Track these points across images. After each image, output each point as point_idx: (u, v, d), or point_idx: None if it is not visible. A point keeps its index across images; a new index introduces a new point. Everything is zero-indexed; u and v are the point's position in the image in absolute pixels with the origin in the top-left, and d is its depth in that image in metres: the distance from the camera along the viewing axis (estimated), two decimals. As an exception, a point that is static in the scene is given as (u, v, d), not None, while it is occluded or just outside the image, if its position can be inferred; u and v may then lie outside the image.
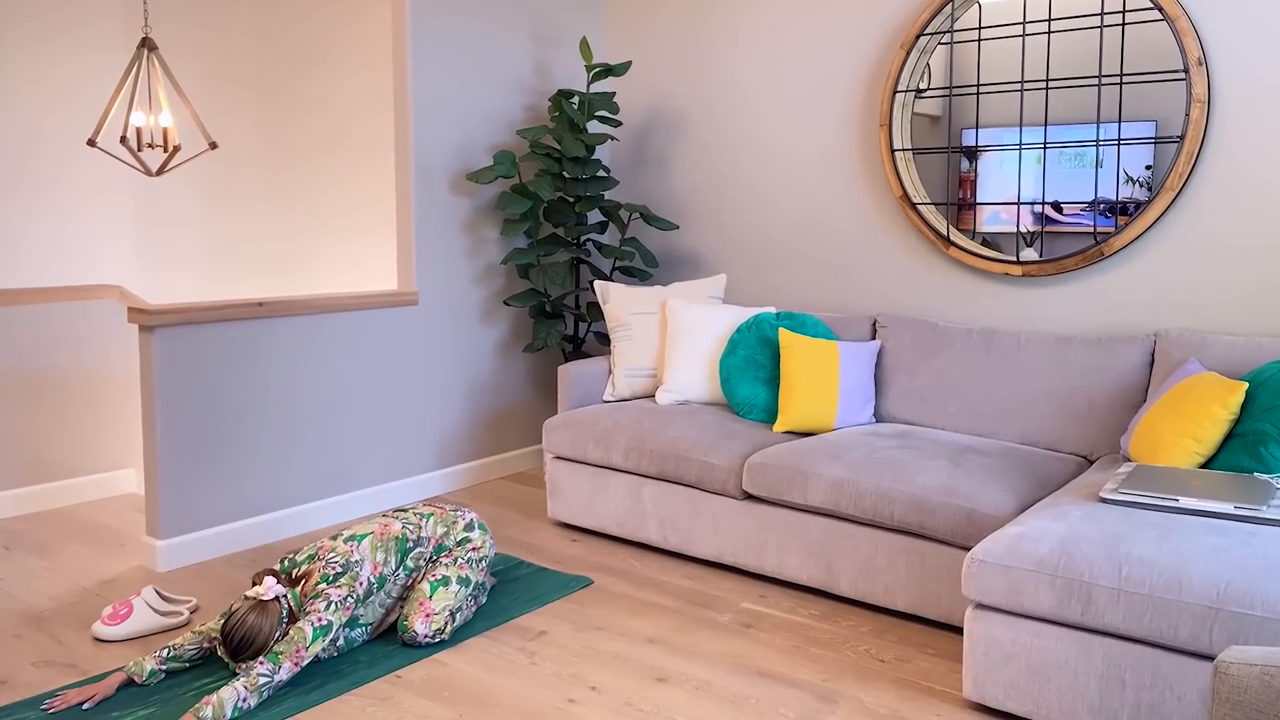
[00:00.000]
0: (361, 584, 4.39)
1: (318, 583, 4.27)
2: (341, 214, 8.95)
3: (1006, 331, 5.62)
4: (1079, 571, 3.62)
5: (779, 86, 6.78)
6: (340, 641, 4.45)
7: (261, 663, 3.99)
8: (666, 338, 6.27)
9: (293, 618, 4.22)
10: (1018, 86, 5.80)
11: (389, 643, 4.58)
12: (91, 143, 6.91)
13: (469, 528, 4.89)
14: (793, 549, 5.14)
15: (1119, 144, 5.51)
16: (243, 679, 3.93)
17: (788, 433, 5.66)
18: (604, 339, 7.24)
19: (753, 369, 5.92)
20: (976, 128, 5.98)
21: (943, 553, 4.66)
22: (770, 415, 5.82)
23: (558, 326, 6.98)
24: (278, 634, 4.09)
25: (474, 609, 4.81)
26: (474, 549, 4.82)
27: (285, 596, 4.21)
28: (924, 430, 5.59)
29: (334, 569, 4.32)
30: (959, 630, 4.72)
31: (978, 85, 5.89)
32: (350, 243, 8.90)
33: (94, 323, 6.83)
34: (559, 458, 6.11)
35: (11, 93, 8.17)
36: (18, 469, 6.51)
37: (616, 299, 6.46)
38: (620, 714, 3.97)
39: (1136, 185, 5.56)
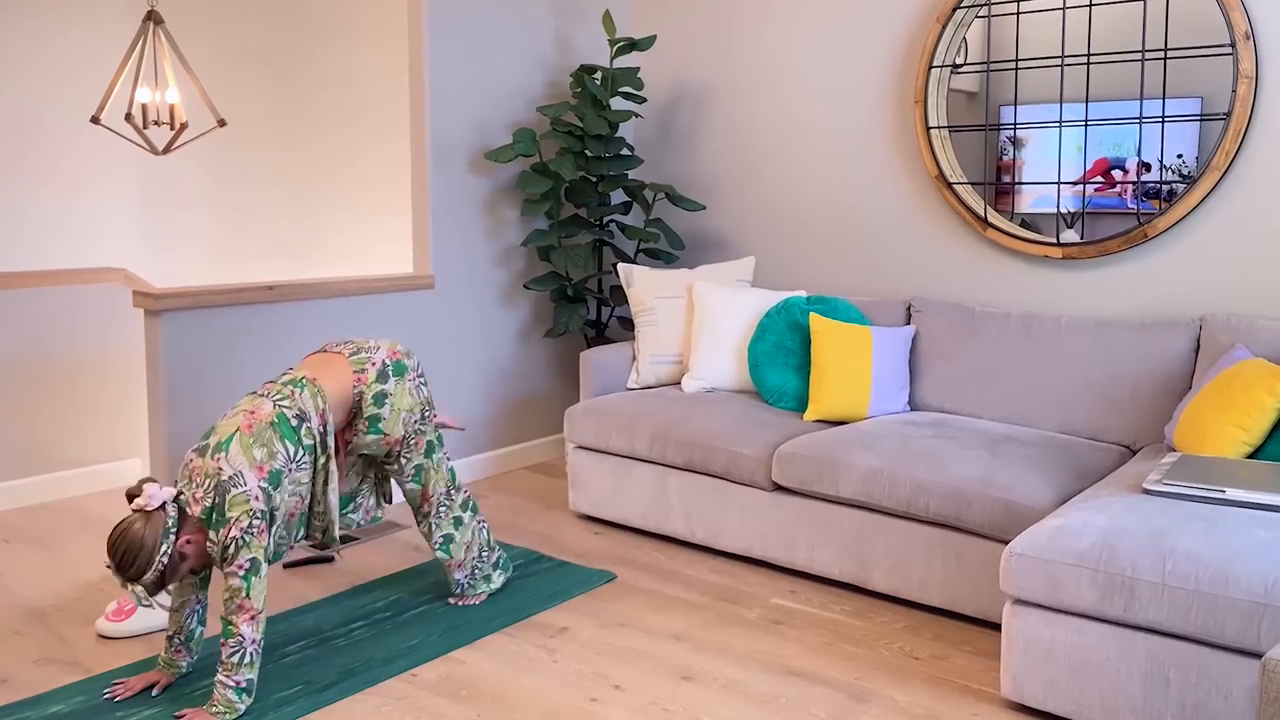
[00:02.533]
0: (255, 497, 4.01)
1: (202, 519, 3.97)
2: (355, 194, 8.97)
3: (1046, 316, 5.62)
4: (1121, 566, 3.63)
5: (810, 61, 6.79)
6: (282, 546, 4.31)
7: (223, 643, 3.90)
8: (693, 323, 6.29)
9: (195, 529, 3.97)
10: (1058, 61, 5.79)
11: (405, 639, 4.60)
12: (95, 120, 6.94)
13: (381, 378, 4.58)
14: (824, 542, 5.16)
15: (1163, 121, 5.50)
16: (220, 671, 3.91)
17: (819, 421, 5.68)
18: (628, 324, 7.25)
19: (782, 355, 5.93)
20: (1015, 104, 5.97)
21: (980, 546, 4.67)
22: (801, 403, 5.84)
23: (580, 311, 7.00)
24: (165, 547, 3.83)
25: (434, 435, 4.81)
26: (407, 412, 4.65)
27: (173, 503, 3.95)
28: (960, 419, 5.59)
29: (207, 497, 3.97)
30: (997, 627, 4.73)
31: (1016, 60, 5.88)
32: (364, 224, 8.92)
33: (98, 307, 6.85)
34: (581, 447, 6.13)
35: (13, 67, 8.22)
36: (18, 460, 6.55)
37: (641, 282, 6.48)
38: (645, 714, 3.99)
39: (1169, 172, 5.54)
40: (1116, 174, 5.74)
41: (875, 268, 6.58)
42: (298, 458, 4.21)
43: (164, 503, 3.92)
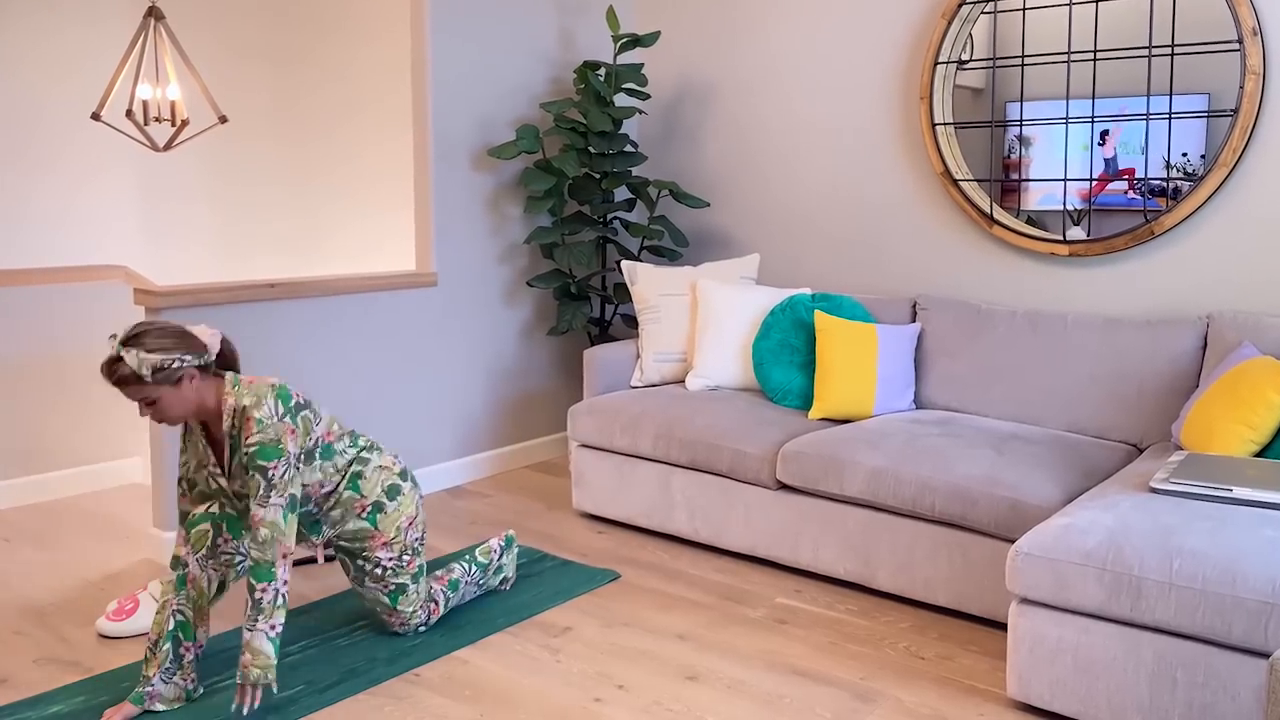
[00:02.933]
0: (308, 434, 4.08)
1: (277, 390, 3.97)
2: (357, 191, 8.98)
3: (1052, 314, 5.62)
4: (1128, 565, 3.64)
5: (815, 58, 6.79)
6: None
7: (259, 587, 3.80)
8: (697, 320, 6.29)
9: (206, 386, 3.93)
10: (1064, 57, 5.80)
11: (407, 639, 4.60)
12: (96, 116, 6.94)
13: (390, 494, 4.45)
14: (829, 541, 5.16)
15: (1170, 117, 5.50)
16: (256, 620, 3.80)
17: (824, 420, 5.68)
18: (631, 322, 7.25)
19: (787, 353, 5.93)
20: (1021, 101, 5.97)
21: (986, 545, 4.67)
22: (805, 401, 5.84)
23: (583, 309, 7.00)
24: (187, 359, 3.78)
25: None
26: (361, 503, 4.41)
27: (215, 353, 3.96)
28: (966, 417, 5.60)
29: (298, 394, 4.03)
30: (1003, 626, 4.74)
31: (1022, 56, 5.89)
32: (366, 221, 8.93)
33: (98, 304, 6.86)
34: (584, 446, 6.13)
35: (12, 63, 8.22)
36: (18, 458, 6.55)
37: (644, 280, 6.48)
38: (649, 714, 3.99)
39: (1174, 170, 5.54)
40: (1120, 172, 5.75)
41: (880, 265, 6.58)
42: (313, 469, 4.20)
43: (209, 346, 3.91)
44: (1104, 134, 5.74)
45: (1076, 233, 5.83)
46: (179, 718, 3.94)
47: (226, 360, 4.09)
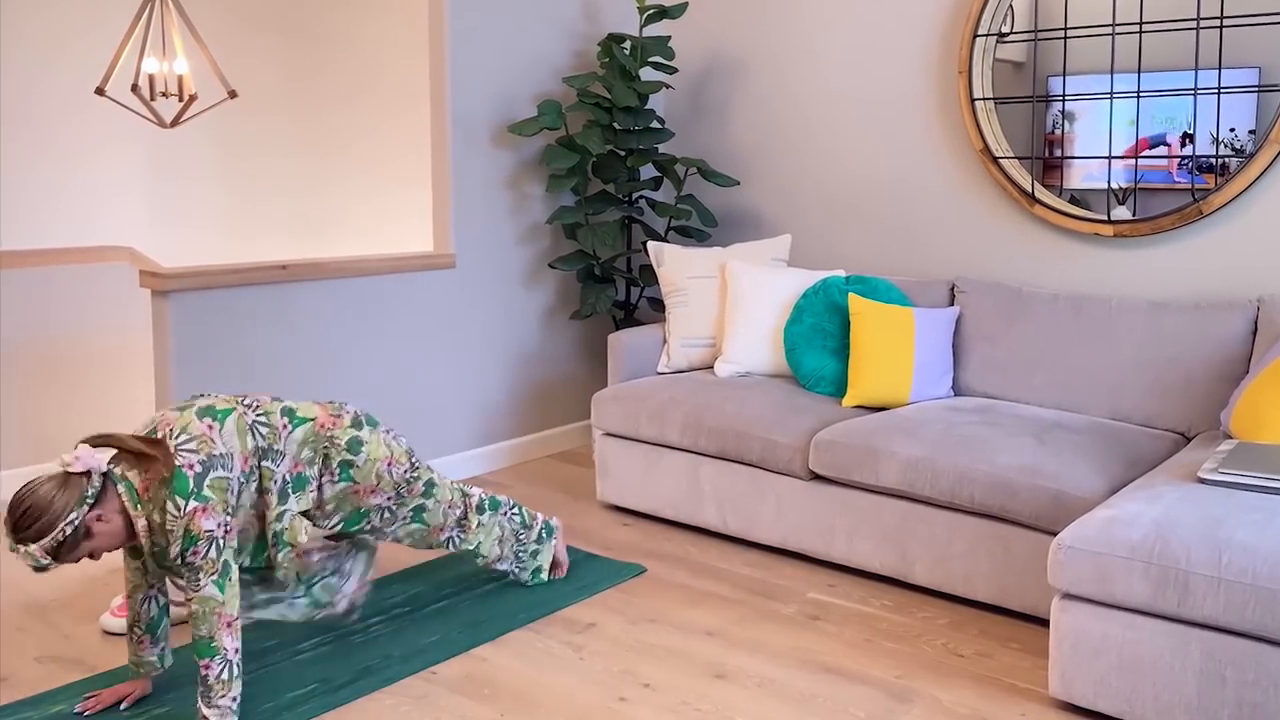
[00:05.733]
0: (234, 491, 3.88)
1: (172, 483, 3.71)
2: (372, 168, 9.00)
3: (1096, 297, 5.62)
4: (1175, 559, 3.65)
5: (848, 30, 6.78)
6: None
7: (205, 664, 3.74)
8: (726, 304, 6.30)
9: (112, 509, 3.71)
10: (1109, 30, 5.79)
11: (424, 635, 4.63)
12: (100, 91, 6.98)
13: (356, 425, 4.31)
14: (863, 534, 5.18)
15: (1219, 92, 5.50)
16: (208, 698, 3.74)
17: (858, 407, 5.69)
18: (658, 305, 7.27)
19: (820, 338, 5.94)
20: (1064, 75, 5.97)
21: (1027, 538, 4.68)
22: (839, 388, 5.85)
23: (608, 292, 7.02)
24: (73, 517, 3.56)
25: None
26: (384, 461, 4.33)
27: (104, 476, 3.69)
28: (1006, 405, 5.60)
29: (192, 465, 3.76)
30: (1044, 623, 4.74)
31: (1065, 29, 5.88)
32: (381, 199, 8.95)
33: (102, 287, 6.88)
34: (609, 434, 6.15)
35: (13, 36, 8.25)
36: (20, 447, 6.59)
37: (672, 262, 6.49)
38: (676, 713, 4.02)
39: (1223, 146, 5.53)
40: (1160, 150, 5.74)
41: (917, 246, 6.59)
42: (251, 480, 4.02)
43: (90, 470, 3.64)
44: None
45: (1121, 212, 5.83)
46: None
47: (131, 449, 3.76)
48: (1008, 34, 6.12)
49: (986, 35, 6.10)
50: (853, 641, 4.59)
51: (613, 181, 7.05)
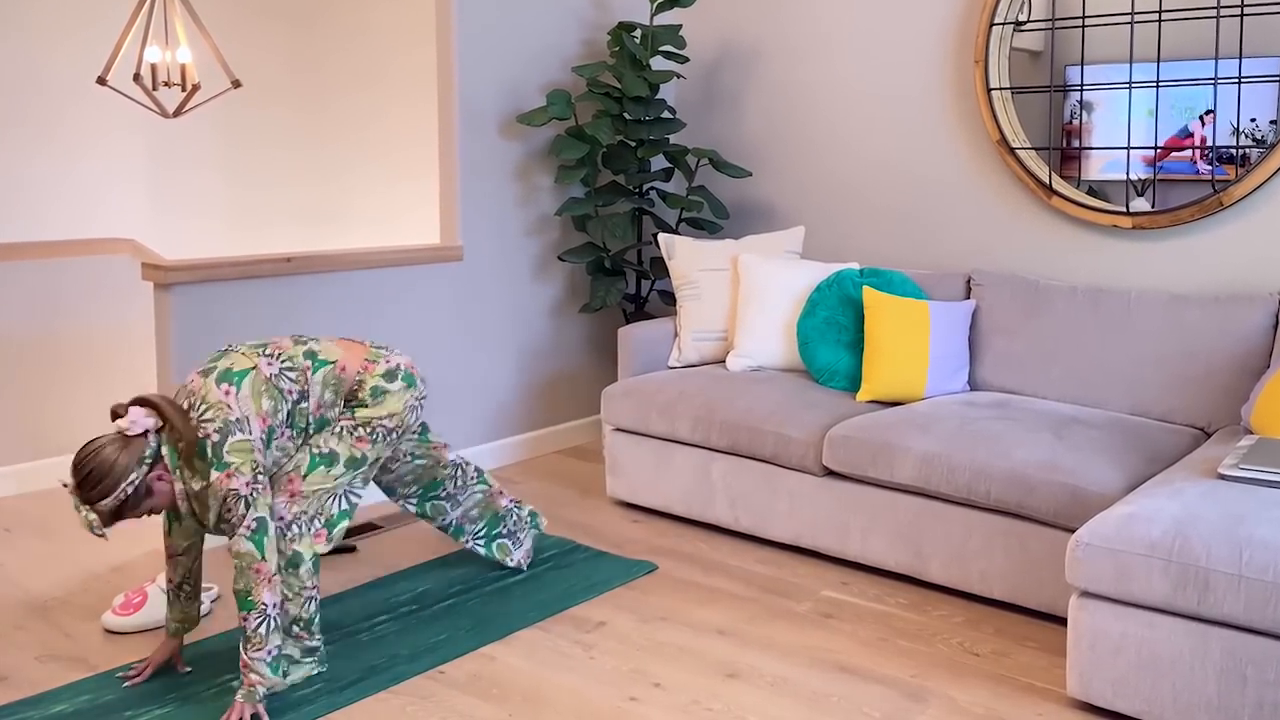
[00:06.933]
0: (258, 450, 4.05)
1: (196, 454, 3.95)
2: (378, 159, 9.01)
3: (1115, 290, 5.62)
4: (1195, 556, 3.65)
5: (863, 18, 6.78)
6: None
7: (243, 618, 3.90)
8: (738, 297, 6.31)
9: (161, 468, 3.95)
10: (1127, 18, 5.78)
11: (432, 634, 4.64)
12: (101, 80, 6.98)
13: (389, 377, 4.47)
14: (878, 531, 5.18)
15: (1239, 82, 5.49)
16: (246, 649, 3.89)
17: (873, 402, 5.69)
18: (669, 298, 7.28)
19: (834, 331, 5.94)
20: (1082, 64, 5.96)
21: (1044, 535, 4.69)
22: (853, 383, 5.85)
23: (618, 284, 7.02)
24: (134, 477, 3.83)
25: (360, 493, 4.50)
26: (386, 417, 4.43)
27: (156, 434, 3.92)
28: (1023, 399, 5.60)
29: (211, 433, 3.95)
30: (1062, 621, 4.75)
31: (1083, 17, 5.87)
32: (387, 191, 8.96)
33: (103, 280, 6.89)
34: (619, 430, 6.16)
35: (13, 23, 8.26)
36: (20, 443, 6.60)
37: (683, 254, 6.50)
38: (687, 713, 4.02)
39: (1243, 136, 5.53)
40: (1187, 140, 5.73)
41: (932, 238, 6.59)
42: (285, 430, 4.22)
43: (147, 431, 3.89)
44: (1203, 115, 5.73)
45: (1140, 204, 5.83)
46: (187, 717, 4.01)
47: (168, 417, 3.97)
48: (1025, 22, 6.12)
49: (1003, 23, 6.10)
50: (867, 640, 4.59)
51: (623, 172, 7.05)
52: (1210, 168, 5.64)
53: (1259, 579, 3.52)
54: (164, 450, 3.94)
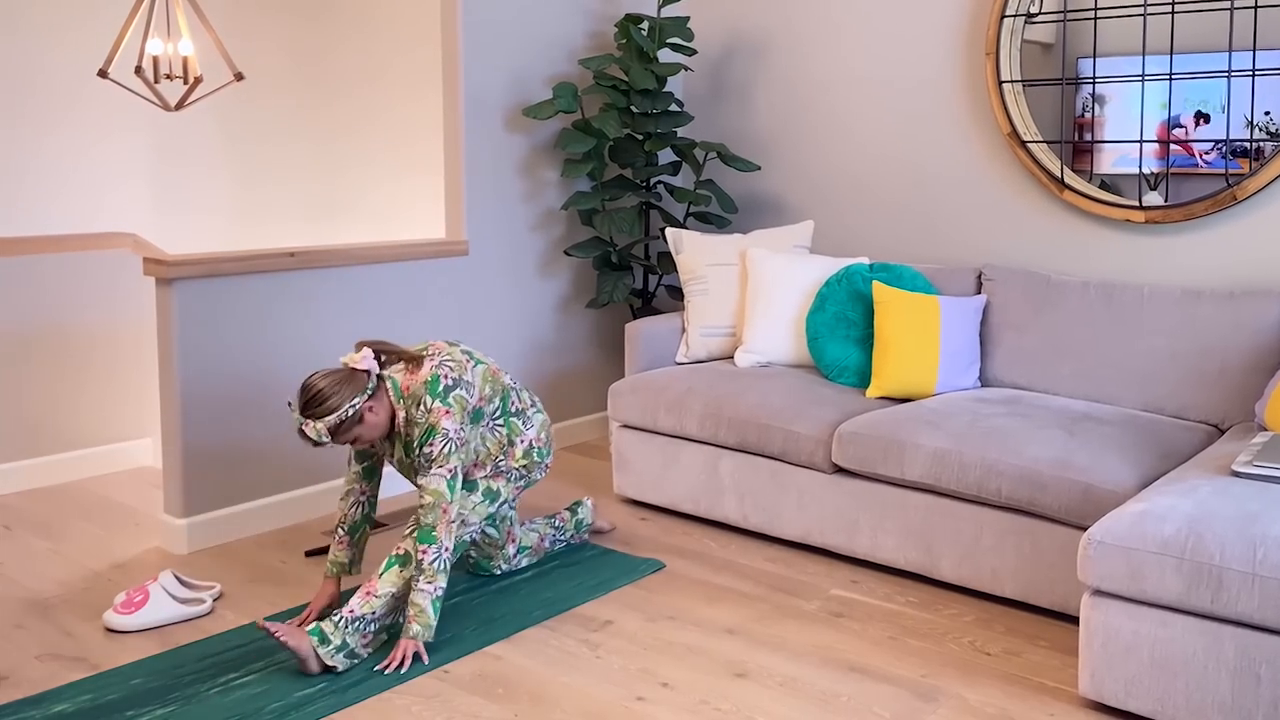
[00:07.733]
0: (467, 414, 4.65)
1: (428, 384, 4.55)
2: (382, 153, 9.00)
3: (1128, 285, 5.61)
4: (1209, 554, 3.65)
5: (873, 10, 6.78)
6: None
7: (423, 551, 4.35)
8: (747, 292, 6.31)
9: (381, 404, 4.52)
10: (1140, 10, 5.78)
11: (437, 634, 4.62)
12: (103, 73, 6.98)
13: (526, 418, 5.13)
14: (888, 529, 5.18)
15: (1253, 75, 5.49)
16: (419, 580, 4.34)
17: (883, 398, 5.69)
18: (677, 293, 7.28)
19: (843, 327, 5.94)
20: (1094, 56, 5.96)
21: (1056, 533, 4.68)
22: (863, 379, 5.85)
23: (625, 280, 7.02)
24: (356, 402, 4.37)
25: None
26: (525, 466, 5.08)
27: (380, 376, 4.56)
28: (1035, 396, 5.60)
29: (447, 376, 4.59)
30: (1074, 620, 4.75)
31: (1095, 9, 5.87)
32: (392, 185, 8.95)
33: (105, 275, 6.89)
34: (626, 426, 6.17)
35: (12, 16, 8.26)
36: (20, 440, 6.60)
37: (691, 249, 6.50)
38: (695, 713, 4.02)
39: (1257, 130, 5.52)
40: (1177, 133, 5.73)
41: (943, 233, 6.59)
42: (491, 414, 4.89)
43: (369, 370, 4.48)
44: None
45: (1153, 198, 5.82)
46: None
47: (387, 358, 4.68)
48: (1036, 14, 6.11)
49: (1015, 16, 6.10)
50: (877, 639, 4.59)
51: (630, 166, 7.05)
52: (1217, 163, 5.64)
53: (1273, 577, 3.52)
54: (388, 383, 4.58)
